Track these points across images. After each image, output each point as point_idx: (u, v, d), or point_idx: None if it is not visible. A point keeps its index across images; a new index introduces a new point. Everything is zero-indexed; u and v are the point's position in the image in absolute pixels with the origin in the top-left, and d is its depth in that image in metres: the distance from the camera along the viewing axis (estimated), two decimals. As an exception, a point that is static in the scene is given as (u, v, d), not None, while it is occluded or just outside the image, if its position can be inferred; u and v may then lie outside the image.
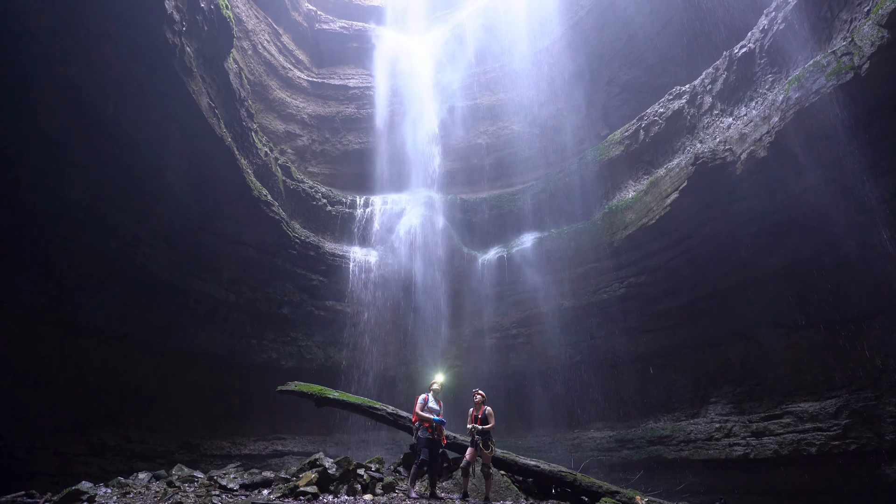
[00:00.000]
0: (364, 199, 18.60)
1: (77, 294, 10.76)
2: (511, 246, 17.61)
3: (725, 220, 11.90)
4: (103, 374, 11.74)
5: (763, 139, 10.27)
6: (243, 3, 17.79)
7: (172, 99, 10.13)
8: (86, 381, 11.45)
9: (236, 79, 12.60)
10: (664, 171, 13.36)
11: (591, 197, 16.50)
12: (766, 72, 11.17)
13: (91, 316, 11.13)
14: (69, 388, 11.15)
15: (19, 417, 10.28)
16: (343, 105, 21.05)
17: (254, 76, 18.38)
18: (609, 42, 17.36)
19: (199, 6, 10.31)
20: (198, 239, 12.69)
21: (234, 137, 12.43)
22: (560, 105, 19.06)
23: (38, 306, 10.25)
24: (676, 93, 13.90)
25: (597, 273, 15.43)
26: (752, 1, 12.70)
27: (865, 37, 8.18)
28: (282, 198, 15.40)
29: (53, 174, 9.60)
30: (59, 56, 8.53)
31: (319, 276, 16.09)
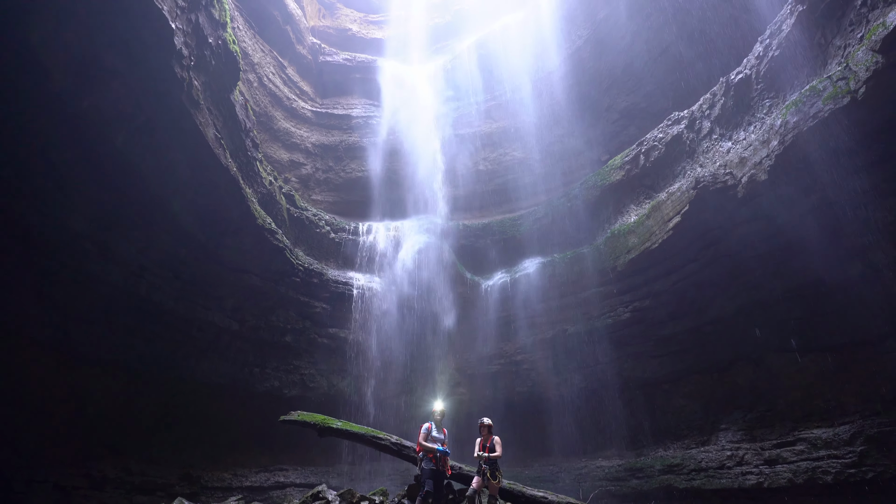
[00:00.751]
0: (367, 225, 18.71)
1: (81, 324, 10.76)
2: (514, 271, 17.59)
3: (728, 244, 11.88)
4: (105, 404, 11.64)
5: (763, 163, 10.33)
6: (250, 37, 18.29)
7: (179, 130, 10.32)
8: (87, 411, 11.35)
9: (242, 110, 12.86)
10: (665, 195, 13.42)
11: (594, 221, 16.55)
12: (764, 97, 11.31)
13: (94, 346, 11.11)
14: (70, 419, 11.04)
15: (18, 449, 10.15)
16: (346, 134, 21.39)
17: (259, 107, 18.76)
18: (607, 70, 17.70)
19: (207, 42, 10.60)
20: (202, 267, 12.75)
21: (240, 167, 12.61)
22: (560, 131, 19.31)
23: (42, 336, 10.25)
24: (675, 118, 14.08)
25: (601, 297, 15.35)
26: (748, 27, 12.98)
27: (860, 62, 8.31)
28: (286, 226, 15.52)
29: (61, 205, 9.73)
30: (71, 91, 8.74)
31: (323, 304, 16.07)
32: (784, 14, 10.51)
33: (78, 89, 8.80)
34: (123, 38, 8.71)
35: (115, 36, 8.62)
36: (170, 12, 8.86)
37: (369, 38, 24.59)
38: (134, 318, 11.68)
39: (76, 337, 10.72)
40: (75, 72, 8.60)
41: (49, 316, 10.23)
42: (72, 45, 8.35)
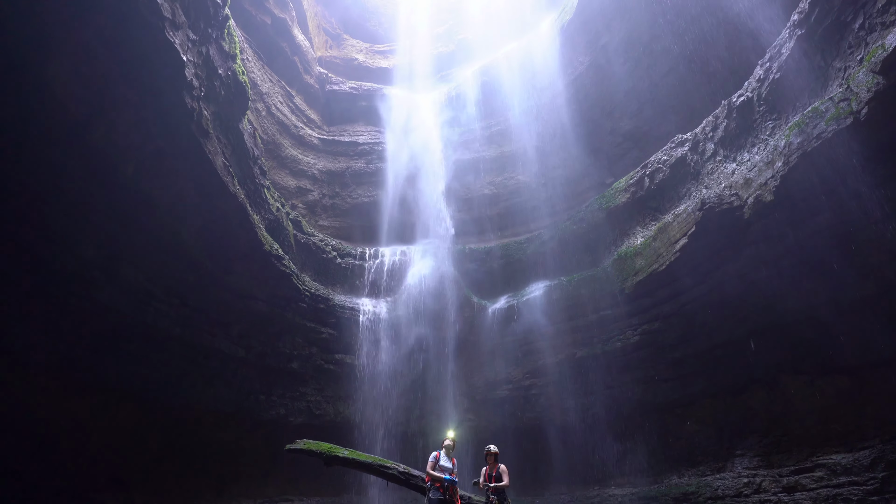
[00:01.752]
0: (373, 250, 18.78)
1: (87, 352, 10.76)
2: (521, 295, 17.49)
3: (737, 265, 11.79)
4: (108, 433, 11.53)
5: (768, 183, 10.33)
6: (259, 68, 18.76)
7: (189, 159, 10.51)
8: (91, 441, 11.24)
9: (250, 139, 13.09)
10: (671, 216, 13.40)
11: (600, 244, 16.52)
12: (766, 118, 11.39)
13: (100, 374, 11.08)
14: (73, 449, 10.93)
15: (19, 480, 10.03)
16: (353, 160, 21.69)
17: (267, 135, 19.10)
18: (609, 94, 17.93)
19: (217, 73, 10.88)
20: (209, 294, 12.79)
21: (247, 194, 12.77)
22: (564, 155, 19.47)
23: (47, 365, 10.24)
24: (679, 140, 14.17)
25: (609, 321, 15.20)
26: (747, 51, 13.15)
27: (861, 83, 8.37)
28: (292, 251, 15.60)
29: (71, 233, 9.86)
30: (84, 122, 8.96)
31: (329, 329, 16.01)
32: (783, 38, 10.66)
33: (91, 120, 9.01)
34: (137, 70, 8.95)
35: (128, 68, 8.86)
36: (181, 45, 9.12)
37: (375, 67, 25.15)
38: (140, 345, 11.67)
39: (82, 365, 10.70)
40: (89, 103, 8.83)
41: (55, 344, 10.24)
42: (87, 78, 8.59)
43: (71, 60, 8.30)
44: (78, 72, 8.48)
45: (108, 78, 8.79)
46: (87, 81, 8.62)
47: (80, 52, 8.33)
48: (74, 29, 8.07)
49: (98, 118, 9.06)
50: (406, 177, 21.29)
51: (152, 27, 8.46)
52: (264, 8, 18.71)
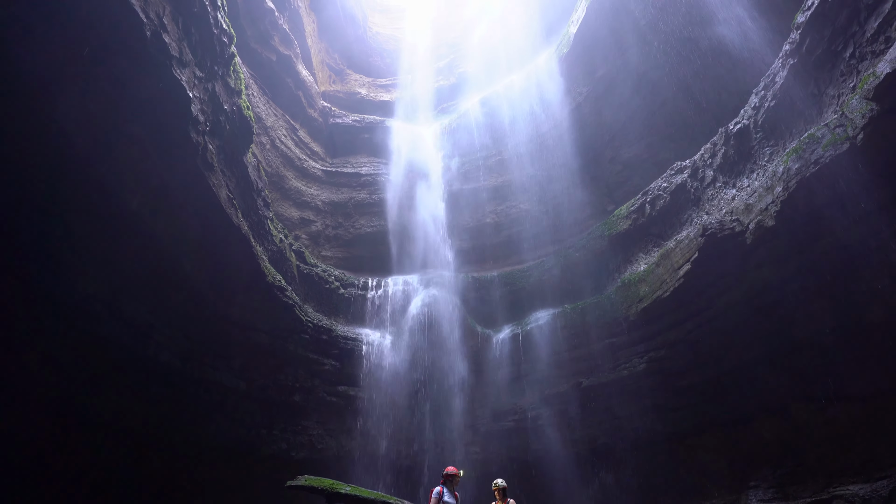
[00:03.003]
0: (376, 280, 18.76)
1: (87, 387, 10.66)
2: (525, 323, 17.35)
3: (741, 291, 11.71)
4: (106, 471, 11.30)
5: (769, 209, 10.35)
6: (263, 103, 19.19)
7: (193, 192, 10.64)
8: (88, 479, 11.01)
9: (254, 171, 13.28)
10: (674, 242, 13.40)
11: (603, 271, 16.48)
12: (763, 145, 11.51)
13: (99, 409, 10.93)
14: (69, 487, 10.69)
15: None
16: (355, 191, 21.92)
17: (271, 168, 19.38)
18: (608, 123, 18.21)
19: (223, 108, 11.12)
20: (211, 326, 12.74)
21: (251, 226, 12.86)
22: (565, 183, 19.63)
23: (47, 401, 10.12)
24: (678, 168, 14.30)
25: (615, 348, 15.02)
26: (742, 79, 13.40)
27: (855, 110, 8.48)
28: (295, 282, 15.60)
29: (76, 267, 9.91)
30: (91, 157, 9.12)
31: (332, 361, 15.85)
32: (776, 67, 10.88)
33: (98, 155, 9.18)
34: (144, 106, 9.17)
35: (136, 105, 9.08)
36: (188, 82, 9.36)
37: (377, 100, 25.70)
38: (141, 379, 11.56)
39: (82, 400, 10.58)
40: (95, 138, 9.01)
41: (55, 379, 10.15)
42: (95, 115, 8.79)
43: (80, 98, 8.51)
44: (86, 109, 8.68)
45: (116, 114, 9.00)
46: (95, 118, 8.82)
47: (89, 90, 8.55)
48: (85, 67, 8.31)
49: (105, 153, 9.23)
50: (408, 207, 21.46)
51: (160, 65, 8.71)
52: (269, 46, 19.27)
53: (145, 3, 8.05)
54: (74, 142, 8.81)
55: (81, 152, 8.95)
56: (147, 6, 8.08)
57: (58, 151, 8.80)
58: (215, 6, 10.05)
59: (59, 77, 8.19)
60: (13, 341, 9.48)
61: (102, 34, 8.01)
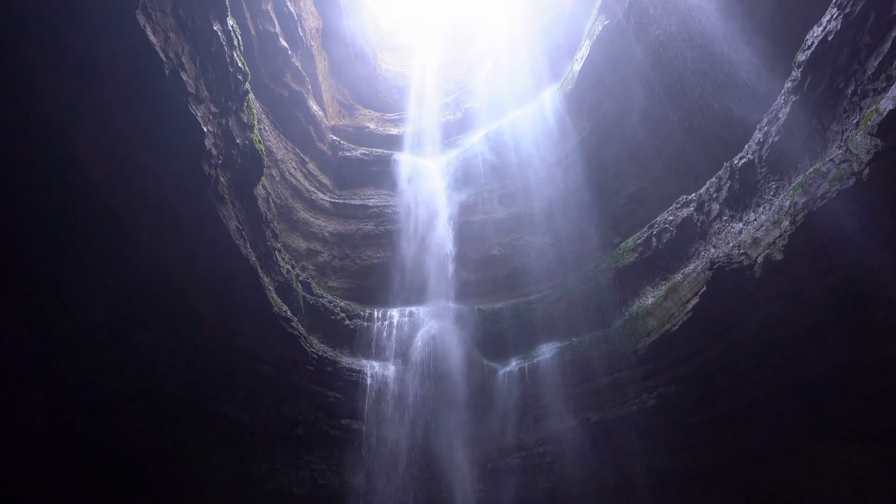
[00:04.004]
0: (382, 311, 18.69)
1: (90, 418, 10.57)
2: (532, 356, 17.13)
3: (752, 325, 11.57)
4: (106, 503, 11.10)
5: (777, 242, 10.34)
6: (275, 137, 19.64)
7: (203, 223, 10.78)
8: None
9: (264, 203, 13.48)
10: (681, 276, 13.34)
11: (610, 304, 16.36)
12: (769, 179, 11.59)
13: (101, 441, 10.81)
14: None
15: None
16: (363, 223, 22.13)
17: (280, 199, 19.66)
18: (613, 157, 18.45)
19: (235, 142, 11.39)
20: (216, 357, 12.68)
21: (259, 257, 12.96)
22: (571, 216, 19.75)
23: (49, 431, 10.04)
24: (683, 201, 14.37)
25: (623, 383, 14.75)
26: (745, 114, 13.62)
27: (860, 145, 8.56)
28: (301, 313, 15.58)
29: (85, 297, 9.98)
30: (105, 189, 9.31)
31: (336, 393, 15.65)
32: (779, 103, 11.06)
33: (111, 187, 9.38)
34: (159, 140, 9.42)
35: (151, 139, 9.33)
36: (203, 118, 9.63)
37: (386, 134, 26.24)
38: (144, 411, 11.45)
39: (84, 432, 10.48)
40: (110, 171, 9.21)
41: (59, 410, 10.09)
42: (111, 148, 9.02)
43: (97, 133, 8.76)
44: (103, 143, 8.93)
45: (132, 148, 9.23)
46: (111, 151, 9.05)
47: (107, 124, 8.81)
48: (104, 103, 8.59)
49: (119, 185, 9.43)
50: (415, 238, 21.59)
51: (176, 102, 8.98)
52: (282, 82, 19.86)
53: (165, 43, 8.37)
54: (89, 174, 9.02)
55: (96, 184, 9.15)
56: (167, 46, 8.41)
57: (73, 183, 9.00)
58: (231, 46, 10.43)
59: (78, 112, 8.45)
60: (18, 371, 9.47)
61: (122, 72, 8.30)
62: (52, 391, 10.00)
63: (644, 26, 15.78)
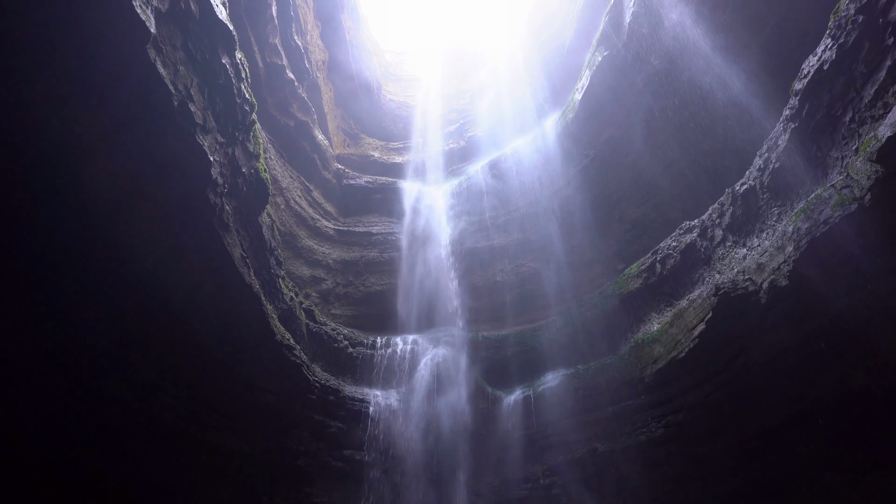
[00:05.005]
0: (385, 339, 18.56)
1: (87, 448, 10.43)
2: (536, 384, 16.89)
3: (760, 352, 11.40)
4: (101, 540, 10.84)
5: (781, 268, 10.28)
6: (280, 165, 19.93)
7: (208, 251, 10.85)
8: (81, 549, 10.55)
9: (268, 231, 13.58)
10: (686, 302, 13.24)
11: (615, 331, 16.21)
12: (771, 205, 11.60)
13: (99, 473, 10.64)
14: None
15: None
16: (366, 250, 22.21)
17: (285, 227, 19.81)
18: (615, 184, 18.58)
19: (241, 171, 11.56)
20: (217, 386, 12.56)
21: (262, 284, 12.98)
22: (574, 242, 19.77)
23: (46, 463, 9.89)
24: (687, 227, 14.38)
25: (630, 412, 14.47)
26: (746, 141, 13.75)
27: (860, 171, 8.60)
28: (304, 341, 15.50)
29: (87, 324, 9.98)
30: (111, 218, 9.42)
31: (338, 423, 15.41)
32: (778, 130, 11.17)
33: (118, 215, 9.48)
34: (166, 169, 9.57)
35: (159, 168, 9.48)
36: (209, 148, 9.80)
37: (390, 162, 26.60)
38: (143, 440, 11.30)
39: (82, 463, 10.32)
40: (118, 200, 9.34)
41: (56, 440, 9.97)
42: (119, 177, 9.16)
43: (106, 162, 8.92)
44: (111, 171, 9.07)
45: (139, 177, 9.37)
46: (119, 180, 9.19)
47: (115, 154, 8.96)
48: (113, 134, 8.77)
49: (125, 213, 9.54)
50: (419, 265, 21.61)
51: (184, 132, 9.17)
52: (288, 112, 20.27)
53: (175, 76, 8.60)
54: (97, 202, 9.14)
55: (103, 212, 9.26)
56: (176, 79, 8.63)
57: (80, 211, 9.11)
58: (239, 78, 10.70)
59: (88, 142, 8.62)
60: (15, 402, 9.40)
61: (132, 103, 8.51)
62: (50, 422, 9.90)
63: (643, 57, 16.12)
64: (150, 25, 7.61)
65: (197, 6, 8.87)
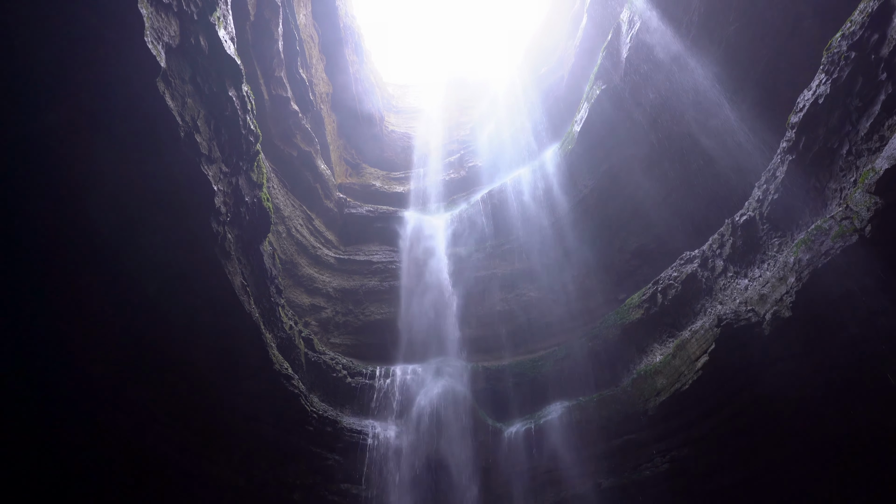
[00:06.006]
0: (384, 369, 18.33)
1: (81, 483, 10.17)
2: (538, 417, 16.58)
3: (765, 384, 11.23)
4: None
5: (784, 299, 10.24)
6: (283, 194, 20.10)
7: (209, 279, 10.82)
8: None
9: (269, 259, 13.58)
10: (689, 333, 13.13)
11: (617, 361, 16.02)
12: (772, 236, 11.65)
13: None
14: None
15: None
16: (367, 278, 22.17)
17: (286, 255, 19.83)
18: (615, 215, 18.69)
19: (244, 200, 11.64)
20: (213, 416, 12.35)
21: (262, 313, 12.90)
22: (575, 272, 19.75)
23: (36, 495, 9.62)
24: (687, 257, 14.39)
25: (634, 446, 14.16)
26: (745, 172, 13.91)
27: (859, 203, 8.66)
28: (302, 370, 15.30)
29: (86, 353, 9.89)
30: (115, 246, 9.44)
31: (335, 455, 15.06)
32: (776, 162, 11.31)
33: (122, 243, 9.51)
34: (171, 198, 9.64)
35: (163, 197, 9.55)
36: (213, 177, 9.91)
37: (391, 192, 26.86)
38: (136, 473, 11.04)
39: (72, 497, 10.04)
40: (122, 228, 9.38)
41: (49, 473, 9.73)
42: (124, 206, 9.23)
43: (112, 192, 9.00)
44: (116, 201, 9.15)
45: (143, 205, 9.43)
46: (124, 209, 9.25)
47: (121, 183, 9.05)
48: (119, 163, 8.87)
49: (129, 242, 9.57)
50: (418, 294, 21.52)
51: (190, 162, 9.27)
52: (292, 143, 20.59)
53: (182, 108, 8.76)
54: (101, 232, 9.18)
55: (108, 241, 9.29)
56: (184, 110, 8.79)
57: (83, 241, 9.14)
58: (245, 110, 10.89)
59: (94, 171, 8.71)
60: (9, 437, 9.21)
61: (140, 133, 8.64)
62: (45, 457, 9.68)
63: (640, 90, 16.46)
64: (160, 60, 7.80)
65: (206, 41, 9.12)
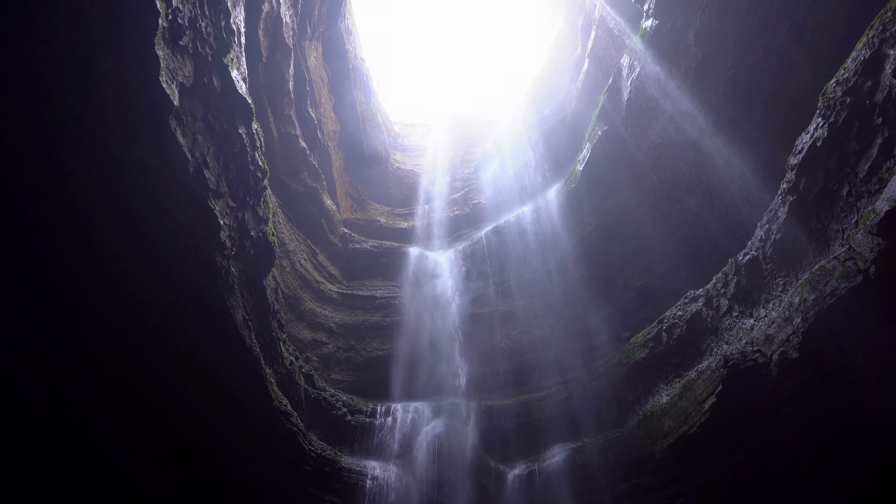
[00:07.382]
0: (385, 407, 18.00)
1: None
2: (542, 458, 16.11)
3: (774, 428, 10.94)
4: None
5: (791, 340, 10.10)
6: (288, 229, 20.29)
7: (210, 313, 10.81)
8: None
9: (272, 294, 13.58)
10: (695, 373, 12.90)
11: (623, 402, 15.68)
12: (776, 275, 11.60)
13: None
14: None
15: None
16: (369, 314, 22.06)
17: (289, 289, 19.83)
18: (618, 253, 18.71)
19: (249, 234, 11.76)
20: (210, 456, 12.07)
21: (262, 347, 12.80)
22: (579, 309, 19.61)
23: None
24: (691, 296, 14.30)
25: (642, 491, 13.67)
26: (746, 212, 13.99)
27: (862, 244, 8.66)
28: (301, 407, 15.03)
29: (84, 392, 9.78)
30: (117, 279, 9.49)
31: (333, 497, 14.59)
32: (777, 203, 11.38)
33: (125, 276, 9.56)
34: (176, 232, 9.75)
35: (168, 231, 9.67)
36: (220, 212, 10.05)
37: (396, 228, 27.10)
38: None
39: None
40: (126, 259, 9.45)
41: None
42: (129, 237, 9.34)
43: (118, 224, 9.12)
44: (122, 233, 9.27)
45: (149, 237, 9.54)
46: (130, 242, 9.35)
47: (128, 217, 9.19)
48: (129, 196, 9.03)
49: (133, 275, 9.62)
50: (421, 331, 21.35)
51: (197, 197, 9.44)
52: (299, 178, 20.95)
53: (192, 144, 8.99)
54: (106, 264, 9.26)
55: (111, 272, 9.35)
56: (194, 147, 9.02)
57: (88, 270, 9.21)
58: (254, 147, 11.16)
59: (103, 204, 8.87)
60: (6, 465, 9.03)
61: (149, 168, 8.83)
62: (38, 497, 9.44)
63: (641, 131, 16.78)
64: (173, 99, 8.06)
65: (219, 81, 9.44)
